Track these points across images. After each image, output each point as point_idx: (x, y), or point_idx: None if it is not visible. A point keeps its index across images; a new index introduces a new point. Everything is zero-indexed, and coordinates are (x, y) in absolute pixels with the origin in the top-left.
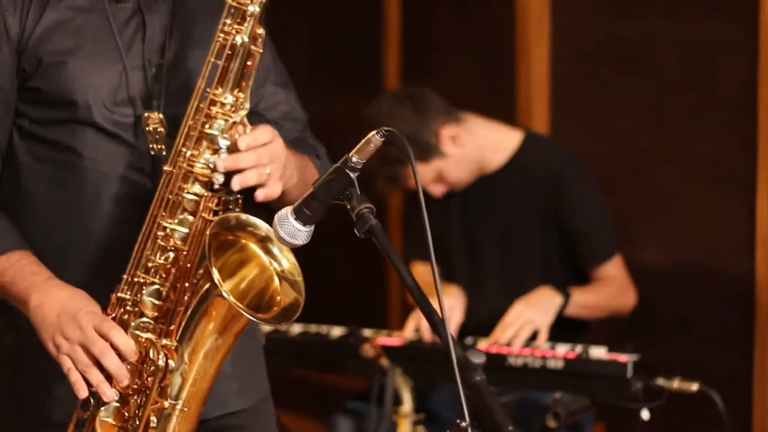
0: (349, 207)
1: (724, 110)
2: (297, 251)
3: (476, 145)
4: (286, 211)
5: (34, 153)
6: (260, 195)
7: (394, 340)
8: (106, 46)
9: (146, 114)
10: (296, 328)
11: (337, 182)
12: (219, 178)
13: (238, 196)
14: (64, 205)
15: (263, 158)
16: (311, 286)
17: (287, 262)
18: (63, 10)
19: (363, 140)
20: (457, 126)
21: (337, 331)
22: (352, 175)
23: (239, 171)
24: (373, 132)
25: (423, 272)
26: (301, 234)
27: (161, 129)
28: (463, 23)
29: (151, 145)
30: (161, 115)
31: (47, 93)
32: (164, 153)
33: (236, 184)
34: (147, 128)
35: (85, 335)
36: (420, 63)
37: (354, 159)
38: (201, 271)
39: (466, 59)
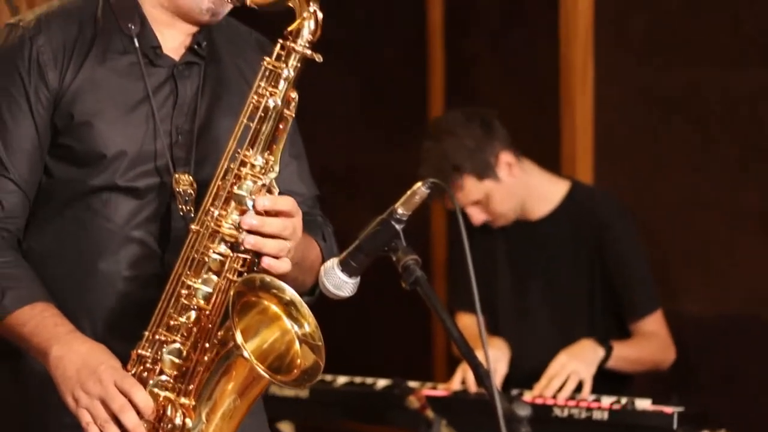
0: (394, 259)
1: None
2: (342, 302)
3: (526, 186)
4: (332, 263)
5: (58, 210)
6: (268, 264)
7: (439, 391)
8: (138, 108)
9: (177, 175)
10: (341, 380)
11: (383, 234)
12: (247, 239)
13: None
14: (84, 264)
15: (287, 230)
16: (357, 338)
17: (309, 326)
18: (100, 68)
19: (408, 192)
20: (515, 158)
21: (382, 383)
22: (397, 226)
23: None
24: (419, 184)
25: (468, 324)
26: (347, 286)
27: (191, 191)
28: (508, 72)
29: (180, 206)
30: (191, 177)
31: (76, 151)
32: (192, 215)
33: (250, 243)
34: (177, 189)
35: (105, 390)
36: None
37: (399, 211)
38: (223, 331)
39: (510, 107)
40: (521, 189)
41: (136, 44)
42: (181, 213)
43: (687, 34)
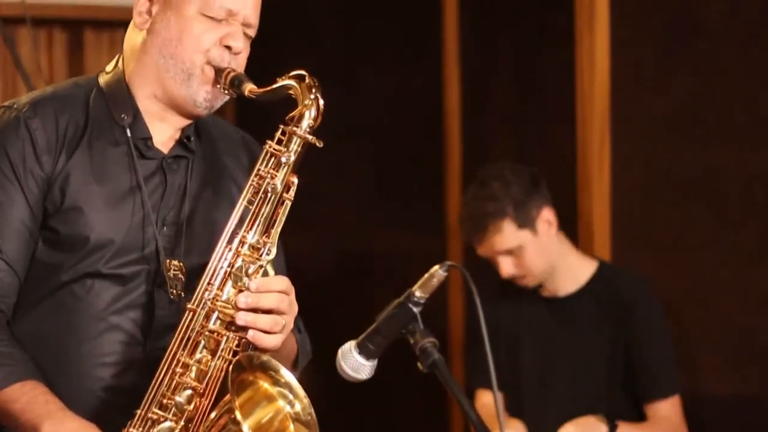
0: (412, 341)
1: None
2: (361, 383)
3: (559, 253)
4: (350, 346)
5: (42, 294)
6: (252, 336)
7: None
8: (128, 198)
9: (168, 261)
10: None
11: (401, 317)
12: (239, 316)
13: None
14: (66, 349)
15: (283, 304)
16: (375, 419)
17: (300, 405)
18: (92, 156)
19: (426, 275)
20: (556, 220)
21: None
22: (415, 309)
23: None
24: (436, 267)
25: (488, 402)
26: (365, 368)
27: (181, 276)
28: (524, 154)
29: (171, 290)
30: (181, 263)
31: (63, 236)
32: (182, 298)
33: (244, 320)
34: (168, 274)
35: None
36: None
37: (417, 294)
38: (219, 408)
39: None
40: (554, 253)
41: (128, 135)
42: (171, 297)
43: (703, 116)
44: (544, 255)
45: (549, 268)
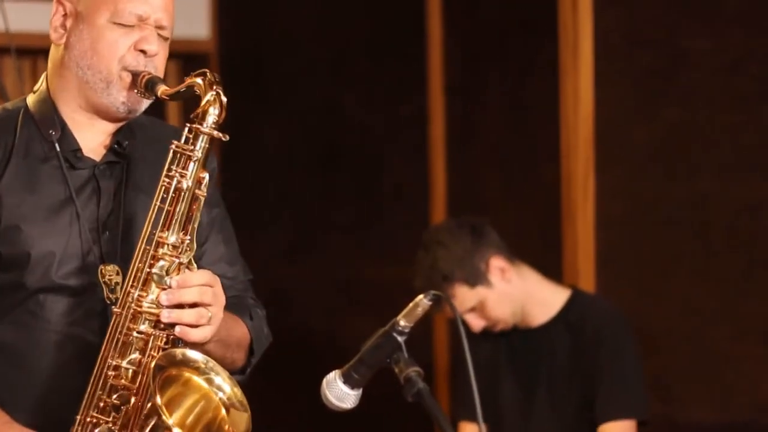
0: (396, 370)
1: None
2: (345, 413)
3: (524, 290)
4: (335, 375)
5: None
6: (181, 331)
7: None
8: (63, 209)
9: (101, 267)
10: None
11: (385, 346)
12: (163, 314)
13: None
14: (15, 362)
15: (205, 297)
16: None
17: (229, 388)
18: (21, 176)
19: (411, 304)
20: (509, 263)
21: None
22: (399, 339)
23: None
24: (421, 296)
25: None
26: (350, 398)
27: (117, 280)
28: (510, 186)
29: (107, 295)
30: (117, 267)
31: (5, 256)
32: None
33: (168, 317)
34: (103, 279)
35: None
36: None
37: (402, 323)
38: (148, 407)
39: (513, 221)
40: (518, 294)
41: (57, 149)
42: (108, 301)
43: (687, 146)
44: (508, 301)
45: (517, 309)
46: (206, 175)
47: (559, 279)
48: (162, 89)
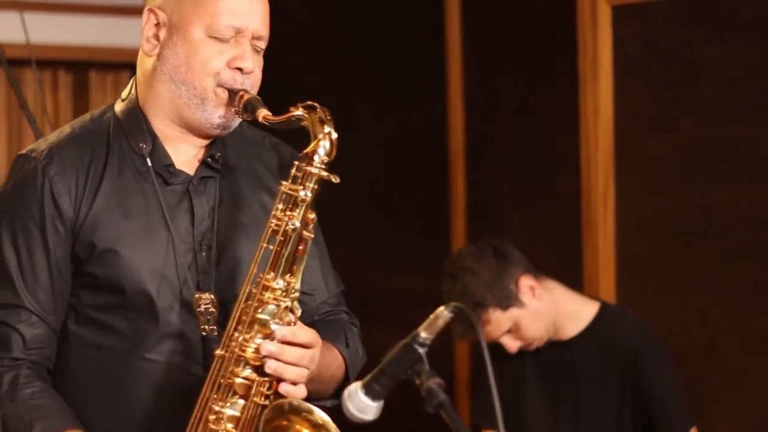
0: (417, 382)
1: None
2: (366, 425)
3: (554, 305)
4: (356, 387)
5: (84, 337)
6: (286, 391)
7: None
8: (158, 230)
9: (197, 295)
10: None
11: (406, 358)
12: (268, 364)
13: None
14: (110, 391)
15: (304, 360)
16: None
17: None
18: (115, 192)
19: (431, 316)
20: (537, 280)
21: None
22: (420, 350)
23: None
24: (442, 308)
25: None
26: (371, 409)
27: (213, 309)
28: (529, 197)
29: (203, 326)
30: (213, 296)
31: (101, 279)
32: (216, 334)
33: (271, 369)
34: (198, 309)
35: None
36: (486, 237)
37: (423, 335)
38: None
39: (532, 232)
40: (550, 309)
41: (149, 164)
42: (204, 333)
43: (706, 157)
44: (541, 318)
45: (550, 325)
46: (314, 216)
47: (579, 291)
48: (263, 114)
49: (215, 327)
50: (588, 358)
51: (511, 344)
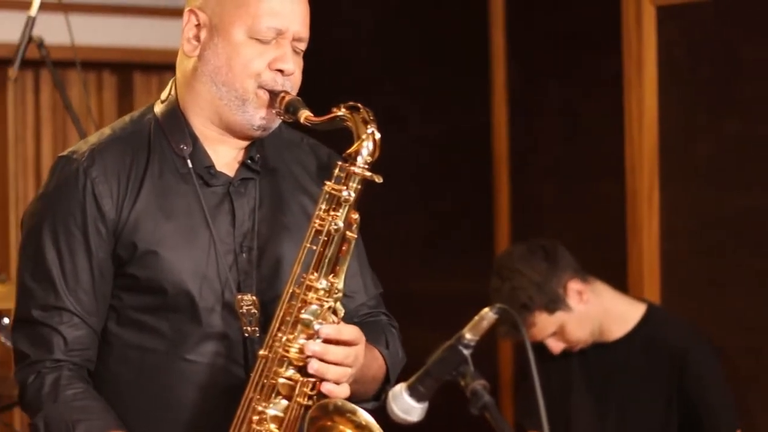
0: (462, 384)
1: None
2: (410, 426)
3: (601, 308)
4: (401, 388)
5: (125, 339)
6: (329, 390)
7: None
8: (199, 231)
9: (239, 296)
10: None
11: (451, 359)
12: (311, 364)
13: None
14: (152, 392)
15: (348, 359)
16: None
17: None
18: (157, 194)
19: (476, 317)
20: (585, 284)
21: None
22: (465, 352)
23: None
24: (486, 309)
25: None
26: (415, 411)
27: (255, 311)
28: (573, 200)
29: (245, 327)
30: (254, 297)
31: (142, 280)
32: (257, 335)
33: (314, 369)
34: (240, 310)
35: None
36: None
37: (467, 336)
38: None
39: (576, 235)
40: (596, 313)
41: (190, 165)
42: (246, 334)
43: (751, 160)
44: (587, 322)
45: (596, 328)
46: (357, 217)
47: (623, 292)
48: (305, 115)
49: (257, 328)
50: (634, 360)
51: (556, 346)
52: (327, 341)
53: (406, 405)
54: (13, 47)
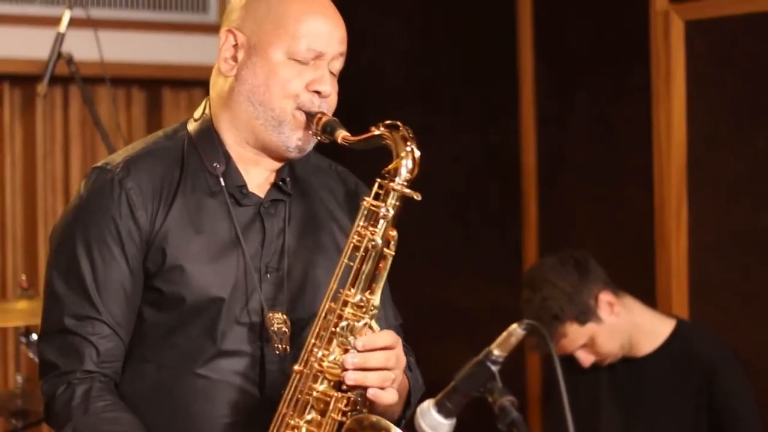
0: (490, 400)
1: None
2: None
3: (631, 322)
4: (428, 404)
5: (144, 354)
6: (374, 394)
7: None
8: (228, 249)
9: (270, 314)
10: None
11: (479, 375)
12: (348, 376)
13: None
14: (169, 411)
15: (390, 361)
16: None
17: None
18: (188, 209)
19: (504, 333)
20: (615, 297)
21: None
22: (493, 368)
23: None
24: (515, 325)
25: None
26: (443, 427)
27: (285, 329)
28: (601, 213)
29: (276, 345)
30: (285, 316)
31: (166, 294)
32: (288, 353)
33: (352, 380)
34: (272, 328)
35: None
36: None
37: (496, 352)
38: None
39: (604, 249)
40: (626, 326)
41: (222, 184)
42: (277, 352)
43: None
44: (617, 335)
45: (625, 342)
46: (395, 234)
47: (652, 305)
48: (342, 135)
49: (288, 347)
50: (663, 375)
51: (586, 358)
52: (365, 351)
53: (434, 421)
54: (43, 63)
